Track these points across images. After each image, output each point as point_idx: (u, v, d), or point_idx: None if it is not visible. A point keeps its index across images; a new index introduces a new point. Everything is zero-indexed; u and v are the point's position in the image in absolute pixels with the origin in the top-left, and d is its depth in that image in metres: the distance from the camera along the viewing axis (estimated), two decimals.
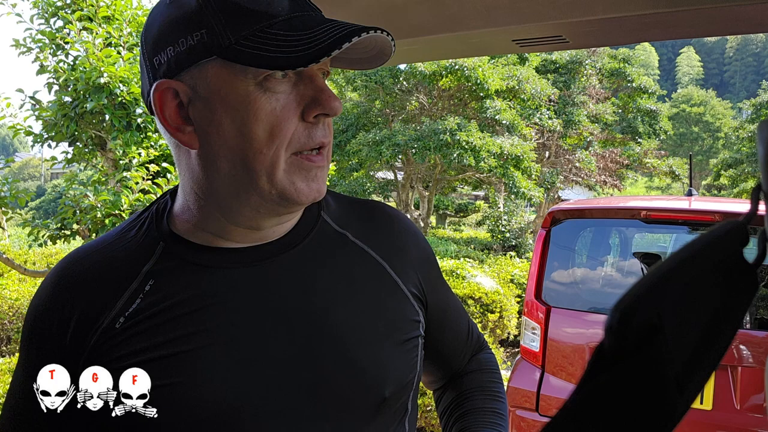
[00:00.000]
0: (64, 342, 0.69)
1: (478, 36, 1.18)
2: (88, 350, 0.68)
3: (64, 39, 4.09)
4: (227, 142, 0.67)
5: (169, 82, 0.68)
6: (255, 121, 0.66)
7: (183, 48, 0.66)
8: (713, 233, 0.38)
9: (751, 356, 2.71)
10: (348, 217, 0.83)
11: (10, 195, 3.67)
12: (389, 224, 0.85)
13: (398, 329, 0.77)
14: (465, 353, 0.98)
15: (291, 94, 0.67)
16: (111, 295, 0.70)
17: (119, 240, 0.75)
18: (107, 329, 0.68)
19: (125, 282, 0.70)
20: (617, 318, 0.32)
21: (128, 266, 0.72)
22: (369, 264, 0.79)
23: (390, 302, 0.78)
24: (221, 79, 0.66)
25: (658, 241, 5.26)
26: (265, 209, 0.71)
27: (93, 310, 0.69)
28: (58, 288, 0.72)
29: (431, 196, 14.56)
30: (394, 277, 0.80)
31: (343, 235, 0.80)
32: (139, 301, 0.69)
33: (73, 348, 0.69)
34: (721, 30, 1.15)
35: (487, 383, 0.96)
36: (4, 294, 5.65)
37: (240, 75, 0.65)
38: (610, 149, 17.38)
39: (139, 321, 0.68)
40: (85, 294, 0.70)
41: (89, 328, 0.69)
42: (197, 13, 0.65)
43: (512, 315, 6.51)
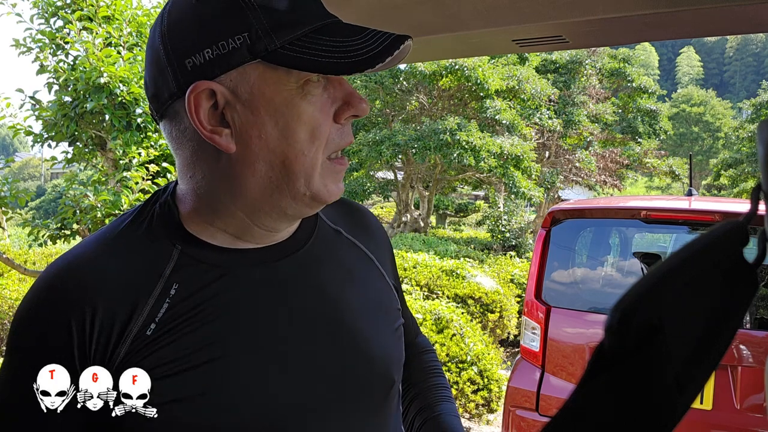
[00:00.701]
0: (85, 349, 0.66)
1: (478, 36, 1.18)
2: (121, 358, 0.66)
3: (64, 39, 4.09)
4: (269, 144, 0.68)
5: (209, 83, 0.66)
6: (298, 123, 0.68)
7: (224, 51, 0.65)
8: (713, 233, 0.38)
9: (751, 356, 2.71)
10: (337, 215, 0.87)
11: (10, 195, 3.67)
12: (366, 220, 0.91)
13: (392, 317, 0.84)
14: (411, 338, 1.04)
15: (323, 96, 0.69)
16: (136, 301, 0.68)
17: (127, 242, 0.72)
18: (138, 336, 0.67)
19: (147, 286, 0.69)
20: (617, 318, 0.32)
21: (146, 270, 0.70)
22: (362, 258, 0.85)
23: (382, 293, 0.84)
24: (265, 82, 0.67)
25: (658, 241, 5.26)
26: (293, 210, 0.72)
27: (120, 317, 0.67)
28: (70, 291, 0.68)
29: (431, 196, 14.56)
30: (381, 270, 0.86)
31: (338, 231, 0.85)
32: (166, 306, 0.68)
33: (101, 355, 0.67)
34: (721, 30, 1.15)
35: (430, 362, 1.03)
36: (4, 294, 5.65)
37: (284, 78, 0.67)
38: (610, 149, 17.38)
39: (171, 327, 0.67)
40: (106, 299, 0.67)
41: (119, 335, 0.67)
42: (238, 15, 0.65)
43: (512, 315, 6.51)
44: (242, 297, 0.71)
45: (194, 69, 0.66)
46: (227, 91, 0.67)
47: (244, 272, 0.72)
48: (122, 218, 0.77)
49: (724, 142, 42.59)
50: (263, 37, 0.65)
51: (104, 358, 0.67)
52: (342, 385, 0.74)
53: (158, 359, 0.66)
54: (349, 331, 0.76)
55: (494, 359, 4.47)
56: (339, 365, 0.74)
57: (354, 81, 13.86)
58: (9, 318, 5.47)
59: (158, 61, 0.69)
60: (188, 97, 0.67)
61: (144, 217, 0.75)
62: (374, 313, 0.80)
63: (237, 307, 0.70)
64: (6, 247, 8.77)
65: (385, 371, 0.78)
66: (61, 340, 0.66)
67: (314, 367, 0.72)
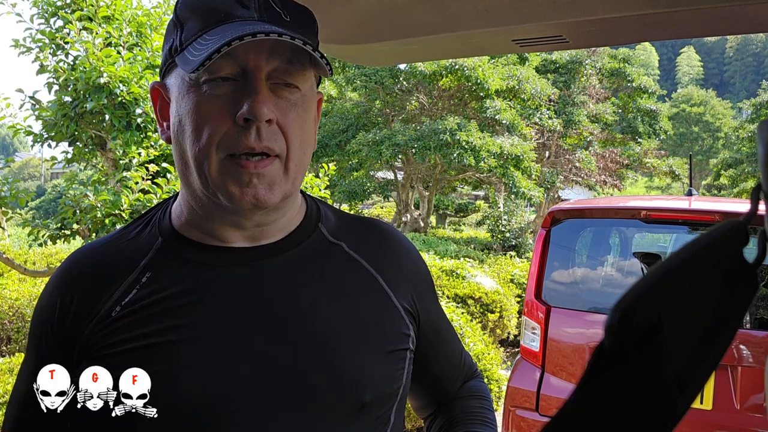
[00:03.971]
0: (64, 333, 0.72)
1: (478, 36, 1.18)
2: (84, 338, 0.71)
3: (64, 39, 4.08)
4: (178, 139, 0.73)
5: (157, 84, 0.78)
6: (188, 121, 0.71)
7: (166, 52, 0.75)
8: (713, 233, 0.38)
9: (751, 356, 2.71)
10: (346, 230, 0.84)
11: (10, 195, 3.67)
12: (387, 240, 0.87)
13: (385, 339, 0.78)
14: (456, 378, 0.98)
15: (230, 96, 0.69)
16: (108, 286, 0.73)
17: (121, 237, 0.79)
18: (103, 317, 0.71)
19: (123, 274, 0.73)
20: (617, 318, 0.32)
21: (127, 260, 0.75)
22: (361, 274, 0.81)
23: (379, 312, 0.80)
24: (178, 80, 0.73)
25: (658, 241, 5.26)
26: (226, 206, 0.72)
27: (90, 300, 0.72)
28: (60, 285, 0.76)
29: (431, 196, 14.56)
30: (386, 289, 0.81)
31: (338, 245, 0.82)
32: (135, 291, 0.72)
33: (71, 338, 0.71)
34: (721, 30, 1.15)
35: (478, 409, 0.95)
36: (4, 294, 5.65)
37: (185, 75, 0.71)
38: (610, 149, 17.37)
39: (134, 310, 0.71)
40: (84, 287, 0.74)
41: (86, 317, 0.72)
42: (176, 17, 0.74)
43: (512, 315, 6.51)
44: (211, 292, 0.72)
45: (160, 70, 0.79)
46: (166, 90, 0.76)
47: (215, 269, 0.74)
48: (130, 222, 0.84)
49: (724, 142, 42.59)
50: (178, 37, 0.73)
51: (76, 336, 0.71)
52: (294, 389, 0.71)
53: (118, 339, 0.70)
54: (317, 340, 0.73)
55: (494, 359, 4.46)
56: (295, 370, 0.71)
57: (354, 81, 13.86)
58: (9, 318, 5.47)
59: None
60: None
61: (149, 215, 0.81)
62: (357, 329, 0.76)
63: (202, 301, 0.72)
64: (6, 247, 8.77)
65: (353, 388, 0.73)
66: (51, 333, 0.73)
67: (266, 367, 0.71)
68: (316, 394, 0.72)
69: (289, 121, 0.71)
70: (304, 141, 0.74)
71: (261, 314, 0.73)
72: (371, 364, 0.75)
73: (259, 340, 0.71)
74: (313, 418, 0.72)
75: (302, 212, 0.82)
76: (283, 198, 0.73)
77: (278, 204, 0.73)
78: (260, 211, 0.72)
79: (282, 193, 0.72)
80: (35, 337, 0.75)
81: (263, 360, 0.71)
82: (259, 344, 0.71)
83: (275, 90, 0.70)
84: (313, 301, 0.75)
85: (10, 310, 5.49)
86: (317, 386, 0.72)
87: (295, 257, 0.78)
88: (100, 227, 3.60)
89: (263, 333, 0.72)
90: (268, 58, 0.69)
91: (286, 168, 0.72)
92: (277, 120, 0.70)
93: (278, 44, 0.67)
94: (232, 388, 0.69)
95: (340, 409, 0.73)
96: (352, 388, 0.73)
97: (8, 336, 5.46)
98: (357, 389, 0.73)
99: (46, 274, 4.31)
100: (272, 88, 0.70)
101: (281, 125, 0.71)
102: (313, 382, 0.72)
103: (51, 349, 0.73)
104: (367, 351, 0.76)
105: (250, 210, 0.72)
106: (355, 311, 0.78)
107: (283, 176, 0.72)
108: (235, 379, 0.69)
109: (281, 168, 0.72)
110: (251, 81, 0.69)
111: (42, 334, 0.74)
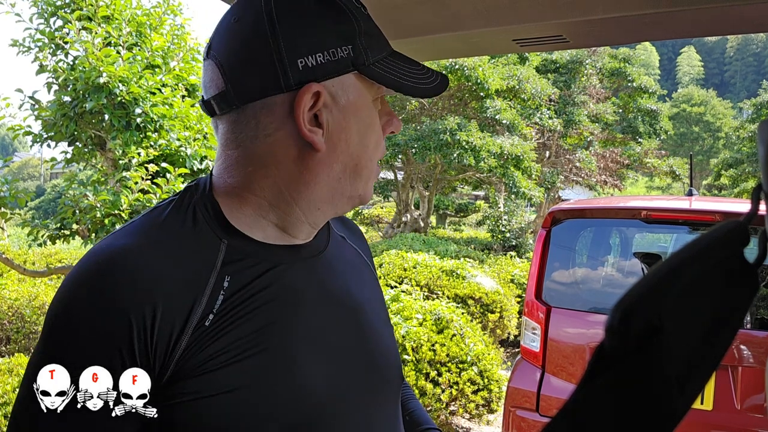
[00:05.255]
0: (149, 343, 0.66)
1: (478, 36, 1.18)
2: (182, 350, 0.67)
3: (64, 39, 4.08)
4: (350, 148, 0.76)
5: (319, 85, 0.72)
6: (371, 132, 0.78)
7: (334, 58, 0.72)
8: (714, 233, 0.38)
9: (751, 356, 2.71)
10: (338, 223, 0.94)
11: (10, 195, 3.67)
12: (357, 229, 1.00)
13: (387, 315, 0.92)
14: None
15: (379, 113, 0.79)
16: (193, 294, 0.69)
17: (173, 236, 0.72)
18: (198, 327, 0.68)
19: (202, 280, 0.70)
20: (618, 318, 0.32)
21: (198, 263, 0.71)
22: (362, 262, 0.92)
23: (380, 293, 0.93)
24: (358, 92, 0.75)
25: (658, 241, 5.26)
26: (341, 209, 0.80)
27: (179, 311, 0.67)
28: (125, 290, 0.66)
29: (431, 196, 14.56)
30: (374, 271, 0.95)
31: (343, 238, 0.92)
32: (222, 297, 0.70)
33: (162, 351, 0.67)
34: (721, 30, 1.15)
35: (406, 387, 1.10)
36: (4, 294, 5.65)
37: (368, 91, 0.76)
38: (610, 149, 17.38)
39: (227, 318, 0.70)
40: (165, 294, 0.67)
41: (181, 328, 0.67)
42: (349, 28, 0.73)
43: (512, 315, 6.51)
44: (286, 290, 0.75)
45: (305, 69, 0.71)
46: (328, 95, 0.73)
47: (285, 266, 0.77)
48: (158, 212, 0.76)
49: (724, 142, 42.60)
50: (362, 53, 0.74)
51: (166, 352, 0.66)
52: (370, 376, 0.79)
53: (216, 349, 0.68)
54: (371, 328, 0.83)
55: (494, 359, 4.46)
56: (365, 358, 0.80)
57: None
58: (9, 318, 5.47)
59: (261, 54, 0.71)
60: (300, 95, 0.71)
61: (184, 211, 0.75)
62: (381, 310, 0.88)
63: (284, 299, 0.74)
64: (5, 247, 8.77)
65: (397, 363, 0.85)
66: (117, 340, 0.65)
67: (347, 359, 0.77)
68: (381, 377, 0.81)
69: None
70: None
71: (330, 308, 0.79)
72: (394, 340, 0.88)
73: (335, 333, 0.78)
74: (382, 400, 0.81)
75: None
76: None
77: None
78: None
79: None
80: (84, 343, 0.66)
81: (344, 353, 0.78)
82: (338, 337, 0.78)
83: None
84: (356, 289, 0.84)
85: (10, 310, 5.49)
86: (383, 370, 0.81)
87: (332, 250, 0.85)
88: (100, 227, 3.60)
89: (336, 326, 0.79)
90: None
91: None
92: None
93: None
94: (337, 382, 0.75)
95: (396, 385, 0.84)
96: (397, 363, 0.85)
97: (8, 336, 5.46)
98: (399, 365, 0.86)
99: (45, 274, 4.31)
100: None
101: None
102: (380, 366, 0.81)
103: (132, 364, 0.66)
104: (391, 329, 0.89)
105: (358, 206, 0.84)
106: (376, 296, 0.89)
107: None
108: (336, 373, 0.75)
109: None
110: (383, 99, 0.80)
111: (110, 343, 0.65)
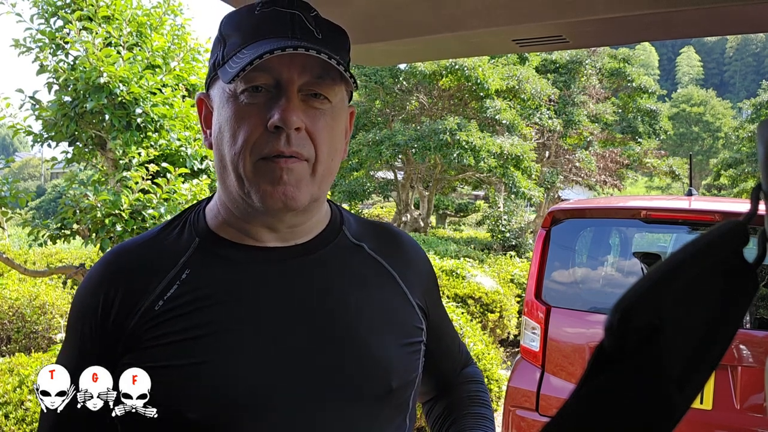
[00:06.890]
0: (107, 324, 0.75)
1: (478, 36, 1.18)
2: (129, 331, 0.74)
3: (64, 39, 4.08)
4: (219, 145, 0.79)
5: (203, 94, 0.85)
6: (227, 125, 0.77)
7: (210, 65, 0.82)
8: (713, 233, 0.38)
9: (751, 356, 2.71)
10: (366, 233, 0.92)
11: (10, 195, 3.67)
12: (400, 243, 0.96)
13: (404, 331, 0.86)
14: (456, 366, 1.08)
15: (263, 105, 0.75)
16: (151, 281, 0.77)
17: (162, 235, 0.83)
18: (147, 311, 0.75)
19: (164, 270, 0.78)
20: (617, 318, 0.32)
21: (168, 257, 0.79)
22: (382, 273, 0.88)
23: (398, 307, 0.87)
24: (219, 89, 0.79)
25: (658, 241, 5.26)
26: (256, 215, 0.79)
27: (134, 294, 0.76)
28: (103, 280, 0.79)
29: (431, 195, 14.56)
30: (403, 287, 0.89)
31: (360, 246, 0.89)
32: (176, 287, 0.76)
33: (116, 331, 0.75)
34: (721, 30, 1.15)
35: (476, 392, 1.05)
36: (4, 294, 5.65)
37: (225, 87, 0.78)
38: (610, 149, 17.38)
39: (176, 306, 0.75)
40: (128, 280, 0.77)
41: (131, 310, 0.75)
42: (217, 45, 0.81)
43: (512, 315, 6.51)
44: (247, 287, 0.78)
45: None
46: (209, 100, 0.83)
47: (254, 267, 0.79)
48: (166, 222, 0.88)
49: (724, 142, 42.61)
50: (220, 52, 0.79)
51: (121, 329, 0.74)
52: (329, 379, 0.77)
53: (162, 332, 0.73)
54: (347, 333, 0.80)
55: (494, 359, 4.46)
56: (329, 361, 0.77)
57: None
58: (9, 318, 5.47)
59: None
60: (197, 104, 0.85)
61: (186, 215, 0.86)
62: (381, 322, 0.84)
63: (240, 296, 0.76)
64: (6, 247, 8.77)
65: (382, 375, 0.80)
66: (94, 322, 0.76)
67: (302, 359, 0.76)
68: (349, 382, 0.78)
69: (318, 128, 0.77)
70: (332, 148, 0.80)
71: (293, 311, 0.78)
72: (395, 353, 0.83)
73: (292, 334, 0.77)
74: (348, 404, 0.78)
75: (328, 217, 0.89)
76: (310, 200, 0.78)
77: (307, 206, 0.79)
78: (290, 212, 0.78)
79: (309, 194, 0.78)
80: (77, 333, 0.77)
81: (297, 352, 0.76)
82: (293, 338, 0.76)
83: (306, 100, 0.77)
84: (342, 297, 0.82)
85: (10, 310, 5.50)
86: (350, 374, 0.78)
87: (325, 256, 0.84)
88: (100, 227, 3.59)
89: (296, 328, 0.77)
90: (301, 72, 0.75)
91: (313, 170, 0.78)
92: (307, 128, 0.76)
93: (309, 59, 0.74)
94: (271, 378, 0.74)
95: (372, 395, 0.81)
96: (381, 374, 0.81)
97: (8, 336, 5.47)
98: (385, 376, 0.81)
99: (46, 274, 4.31)
100: (303, 99, 0.76)
101: (310, 132, 0.76)
102: (346, 370, 0.78)
103: (96, 345, 0.75)
104: (392, 342, 0.83)
105: (280, 211, 0.77)
106: (378, 305, 0.85)
107: (310, 178, 0.78)
108: (274, 369, 0.74)
109: (309, 170, 0.77)
110: (283, 91, 0.75)
111: (85, 330, 0.77)
